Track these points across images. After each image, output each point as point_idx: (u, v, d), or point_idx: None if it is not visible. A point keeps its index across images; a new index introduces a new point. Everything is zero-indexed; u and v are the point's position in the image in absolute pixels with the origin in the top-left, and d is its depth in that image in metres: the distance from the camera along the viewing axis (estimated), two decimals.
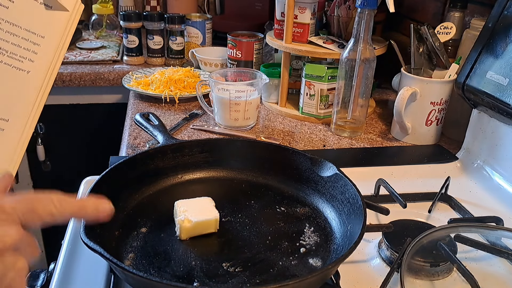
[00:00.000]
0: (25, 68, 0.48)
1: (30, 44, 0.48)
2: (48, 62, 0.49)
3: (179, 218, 0.56)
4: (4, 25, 0.47)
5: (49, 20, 0.50)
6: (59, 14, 0.50)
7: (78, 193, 0.71)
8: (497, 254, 0.59)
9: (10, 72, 0.47)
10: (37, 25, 0.49)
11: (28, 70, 0.48)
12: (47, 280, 0.59)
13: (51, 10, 0.50)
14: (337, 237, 0.57)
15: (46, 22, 0.49)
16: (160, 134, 0.74)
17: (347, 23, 1.02)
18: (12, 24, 0.47)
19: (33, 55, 0.48)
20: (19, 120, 0.48)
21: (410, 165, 0.84)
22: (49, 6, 0.50)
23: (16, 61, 0.47)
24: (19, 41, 0.48)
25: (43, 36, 0.49)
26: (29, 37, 0.48)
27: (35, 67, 0.49)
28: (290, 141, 0.93)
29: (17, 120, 0.48)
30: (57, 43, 0.50)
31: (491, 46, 0.76)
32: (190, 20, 1.37)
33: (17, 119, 0.48)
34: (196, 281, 0.50)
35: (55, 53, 0.50)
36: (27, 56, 0.48)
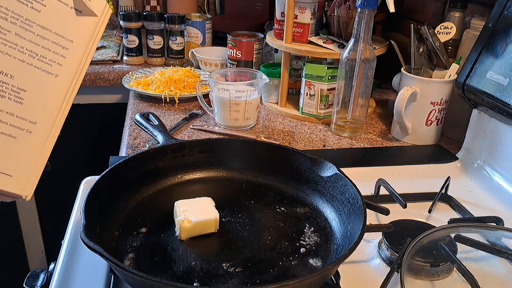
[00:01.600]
0: (53, 72, 0.48)
1: (59, 48, 0.49)
2: (76, 66, 0.50)
3: (179, 218, 0.56)
4: (36, 28, 0.47)
5: (78, 25, 0.50)
6: (88, 19, 0.51)
7: (78, 193, 0.71)
8: (497, 254, 0.59)
9: (39, 75, 0.47)
10: (66, 29, 0.49)
11: (56, 74, 0.48)
12: (47, 280, 0.59)
13: (81, 15, 0.50)
14: (337, 237, 0.57)
15: (75, 27, 0.50)
16: (160, 134, 0.74)
17: (347, 23, 1.02)
18: (43, 28, 0.48)
19: (61, 59, 0.49)
20: (46, 124, 0.48)
21: (410, 165, 0.84)
22: (79, 11, 0.50)
23: (46, 65, 0.48)
24: (49, 45, 0.48)
25: (72, 40, 0.50)
26: (58, 41, 0.49)
27: (63, 71, 0.49)
28: (290, 141, 0.93)
29: (44, 123, 0.48)
30: (85, 48, 0.51)
31: (491, 46, 0.76)
32: (190, 20, 1.37)
33: (44, 122, 0.48)
34: (196, 281, 0.50)
35: (82, 57, 0.50)
36: (56, 60, 0.48)
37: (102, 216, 0.54)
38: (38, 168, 0.47)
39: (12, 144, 0.45)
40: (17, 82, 0.46)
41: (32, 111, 0.47)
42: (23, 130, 0.46)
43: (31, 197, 0.47)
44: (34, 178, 0.47)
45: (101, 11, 0.52)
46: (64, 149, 0.54)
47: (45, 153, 0.48)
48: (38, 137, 0.47)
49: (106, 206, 0.56)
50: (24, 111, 0.46)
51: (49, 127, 0.48)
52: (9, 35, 0.46)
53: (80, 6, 0.50)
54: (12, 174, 0.45)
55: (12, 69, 0.46)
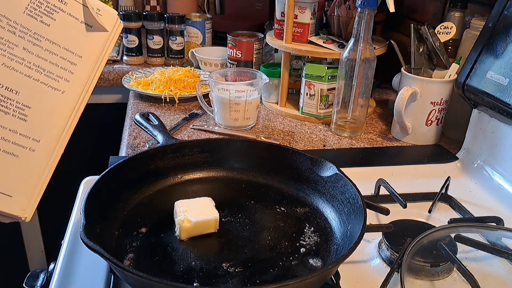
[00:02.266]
0: (60, 88, 0.47)
1: (67, 64, 0.48)
2: (84, 83, 0.49)
3: (179, 218, 0.56)
4: (44, 43, 0.46)
5: (88, 40, 0.49)
6: (99, 34, 0.50)
7: (78, 193, 0.71)
8: (497, 254, 0.59)
9: (45, 92, 0.46)
10: (76, 44, 0.48)
11: (63, 90, 0.47)
12: (47, 280, 0.59)
13: (91, 30, 0.49)
14: (337, 237, 0.57)
15: (85, 42, 0.49)
16: (160, 134, 0.74)
17: (347, 23, 1.02)
18: (52, 43, 0.47)
19: (69, 75, 0.48)
20: (50, 142, 0.47)
21: (410, 165, 0.84)
22: (89, 26, 0.49)
23: (52, 81, 0.47)
24: (57, 60, 0.47)
25: (80, 56, 0.48)
26: (67, 56, 0.48)
27: (70, 88, 0.48)
28: (290, 141, 0.93)
29: (48, 142, 0.46)
30: (94, 63, 0.49)
31: (491, 46, 0.76)
32: (190, 20, 1.37)
33: (48, 141, 0.47)
34: (196, 281, 0.50)
35: (90, 74, 0.49)
36: (64, 76, 0.47)
37: (102, 216, 0.54)
38: (39, 189, 0.46)
39: (14, 163, 0.44)
40: (22, 98, 0.45)
41: (36, 129, 0.46)
42: (25, 148, 0.45)
43: (30, 218, 0.45)
44: (35, 199, 0.46)
45: (111, 26, 0.51)
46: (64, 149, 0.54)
47: (48, 172, 0.47)
48: (41, 156, 0.46)
49: (106, 206, 0.56)
50: (27, 128, 0.45)
51: (53, 146, 0.47)
52: (17, 49, 0.45)
53: (91, 21, 0.49)
54: (12, 195, 0.44)
55: (17, 84, 0.45)
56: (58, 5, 0.47)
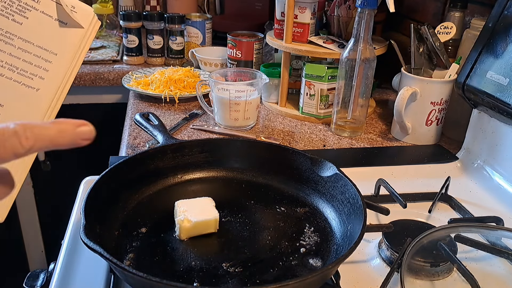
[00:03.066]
0: (34, 86, 0.46)
1: (41, 61, 0.47)
2: (59, 80, 0.48)
3: (179, 218, 0.56)
4: (17, 41, 0.46)
5: (63, 37, 0.48)
6: (74, 31, 0.49)
7: (78, 193, 0.71)
8: (497, 254, 0.59)
9: (18, 90, 0.45)
10: (50, 42, 0.47)
11: (37, 88, 0.46)
12: (47, 280, 0.59)
13: (66, 27, 0.48)
14: (337, 237, 0.57)
15: (60, 39, 0.48)
16: (160, 134, 0.74)
17: (347, 23, 1.02)
18: (25, 41, 0.46)
19: (44, 72, 0.47)
20: None
21: (410, 165, 0.84)
22: (64, 23, 0.48)
23: (26, 79, 0.46)
24: (30, 58, 0.46)
25: (55, 53, 0.47)
26: (41, 54, 0.47)
27: (45, 85, 0.47)
28: (290, 141, 0.93)
29: None
30: (70, 61, 0.48)
31: (491, 46, 0.76)
32: (190, 20, 1.37)
33: None
34: (196, 281, 0.50)
35: (67, 71, 0.48)
36: (38, 74, 0.46)
37: (102, 216, 0.54)
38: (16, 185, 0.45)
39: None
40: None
41: None
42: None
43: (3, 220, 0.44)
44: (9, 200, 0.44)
45: (88, 23, 0.50)
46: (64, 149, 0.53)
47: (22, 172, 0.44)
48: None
49: (106, 206, 0.56)
50: None
51: None
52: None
53: (65, 18, 0.48)
54: None
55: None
56: (31, 3, 0.47)
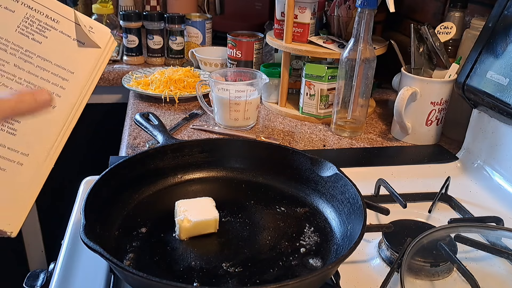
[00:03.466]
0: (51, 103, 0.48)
1: (59, 79, 0.48)
2: (75, 98, 0.49)
3: (179, 218, 0.56)
4: (35, 60, 0.47)
5: (80, 56, 0.50)
6: (91, 50, 0.50)
7: (78, 193, 0.71)
8: (497, 254, 0.59)
9: None
10: (68, 61, 0.49)
11: (54, 105, 0.48)
12: (47, 280, 0.59)
13: (84, 46, 0.50)
14: (337, 237, 0.57)
15: (77, 58, 0.50)
16: (160, 134, 0.74)
17: (347, 23, 1.02)
18: (43, 59, 0.47)
19: (61, 90, 0.48)
20: (39, 156, 0.47)
21: (410, 165, 0.84)
22: (81, 42, 0.50)
23: None
24: (48, 76, 0.48)
25: (72, 72, 0.49)
26: (58, 72, 0.48)
27: (62, 102, 0.48)
28: (290, 141, 0.93)
29: (37, 156, 0.46)
30: (86, 79, 0.50)
31: (491, 46, 0.76)
32: (190, 20, 1.37)
33: (37, 155, 0.46)
34: (196, 281, 0.50)
35: (83, 89, 0.50)
36: (55, 91, 0.48)
37: (102, 216, 0.54)
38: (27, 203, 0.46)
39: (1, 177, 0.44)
40: None
41: (25, 143, 0.46)
42: (14, 162, 0.45)
43: (16, 233, 0.45)
44: (22, 213, 0.45)
45: (105, 43, 0.51)
46: (64, 149, 0.53)
47: (36, 187, 0.46)
48: (30, 170, 0.46)
49: (106, 206, 0.56)
50: (16, 142, 0.45)
51: (42, 159, 0.47)
52: (8, 66, 0.46)
53: (83, 38, 0.50)
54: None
55: None
56: (50, 23, 0.48)
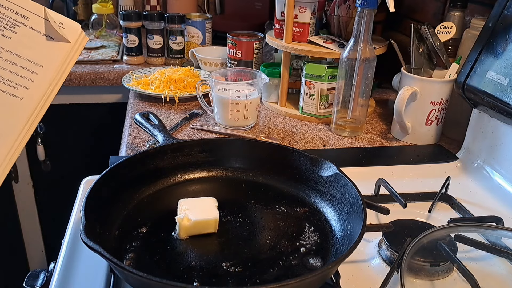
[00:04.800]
0: (18, 95, 0.48)
1: (27, 72, 0.49)
2: (43, 90, 0.50)
3: (179, 216, 0.56)
4: (5, 54, 0.48)
5: (49, 51, 0.51)
6: (61, 45, 0.51)
7: (78, 193, 0.71)
8: (497, 254, 0.59)
9: (2, 98, 0.48)
10: (37, 55, 0.50)
11: (21, 97, 0.49)
12: (47, 280, 0.59)
13: (53, 41, 0.51)
14: (337, 237, 0.57)
15: (46, 52, 0.50)
16: (160, 133, 0.74)
17: (347, 23, 1.02)
18: (12, 54, 0.49)
19: (29, 82, 0.49)
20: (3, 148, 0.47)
21: (410, 165, 0.84)
22: (51, 37, 0.51)
23: (11, 88, 0.48)
24: (16, 69, 0.49)
25: (41, 65, 0.50)
26: (27, 66, 0.49)
27: (30, 94, 0.49)
28: (290, 141, 0.93)
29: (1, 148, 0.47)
30: (55, 72, 0.51)
31: (491, 45, 0.76)
32: (190, 20, 1.37)
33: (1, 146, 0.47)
34: (196, 281, 0.50)
35: (51, 82, 0.50)
36: (23, 84, 0.49)
37: (102, 216, 0.54)
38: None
39: None
40: None
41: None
42: None
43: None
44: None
45: (75, 38, 0.52)
46: (64, 148, 0.53)
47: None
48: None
49: (106, 206, 0.56)
50: None
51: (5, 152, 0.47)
52: None
53: (52, 33, 0.51)
54: None
55: None
56: (20, 20, 0.50)
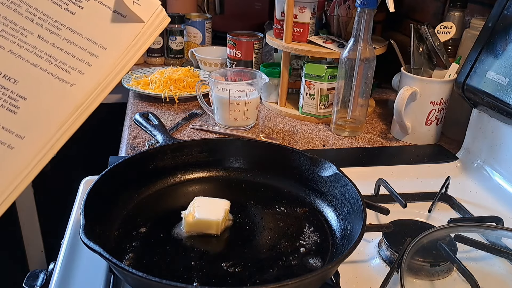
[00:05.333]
0: (70, 80, 0.42)
1: (86, 55, 0.42)
2: (101, 79, 0.43)
3: (187, 211, 0.57)
4: (64, 32, 0.42)
5: (117, 31, 0.43)
6: (132, 25, 0.44)
7: (78, 193, 0.71)
8: (497, 254, 0.59)
9: (50, 83, 0.41)
10: (101, 35, 0.43)
11: (72, 83, 0.41)
12: (47, 280, 0.59)
13: (123, 20, 0.44)
14: (337, 237, 0.57)
15: (113, 33, 0.43)
16: (159, 133, 0.74)
17: (347, 23, 1.02)
18: (73, 31, 0.42)
19: (85, 67, 0.42)
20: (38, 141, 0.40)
21: (410, 165, 0.84)
22: (122, 15, 0.44)
23: (63, 72, 0.41)
24: (74, 50, 0.42)
25: (105, 48, 0.43)
26: (87, 47, 0.42)
27: (83, 81, 0.42)
28: (290, 141, 0.93)
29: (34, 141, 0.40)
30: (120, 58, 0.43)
31: (491, 45, 0.76)
32: (190, 20, 1.37)
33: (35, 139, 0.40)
34: (196, 281, 0.50)
35: (114, 69, 0.43)
36: (78, 68, 0.42)
37: (102, 216, 0.54)
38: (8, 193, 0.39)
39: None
40: (20, 88, 0.40)
41: (25, 124, 0.40)
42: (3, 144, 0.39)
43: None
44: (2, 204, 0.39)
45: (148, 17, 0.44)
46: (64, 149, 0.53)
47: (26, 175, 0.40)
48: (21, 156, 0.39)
49: (106, 206, 0.56)
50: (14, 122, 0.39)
51: (40, 146, 0.40)
52: (30, 37, 0.41)
53: (123, 9, 0.43)
54: None
55: (18, 73, 0.40)
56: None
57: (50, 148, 0.41)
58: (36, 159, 0.40)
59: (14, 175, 0.40)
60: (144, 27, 0.44)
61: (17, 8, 0.42)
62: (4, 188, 0.39)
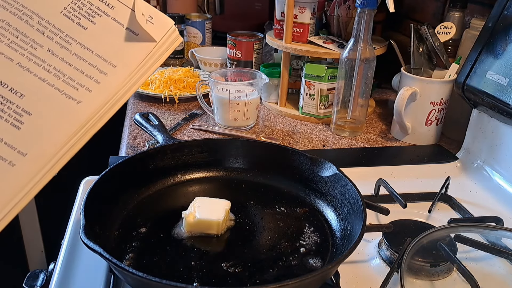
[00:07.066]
0: (77, 98, 0.40)
1: (95, 72, 0.41)
2: (108, 97, 0.42)
3: (187, 211, 0.57)
4: (75, 47, 0.41)
5: (129, 49, 0.43)
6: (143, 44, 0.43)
7: (78, 193, 0.71)
8: (497, 254, 0.59)
9: (56, 99, 0.40)
10: (112, 52, 0.42)
11: (79, 100, 0.40)
12: (47, 280, 0.59)
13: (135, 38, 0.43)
14: (337, 237, 0.57)
15: (125, 51, 0.42)
16: (159, 134, 0.74)
17: (347, 23, 1.02)
18: (84, 47, 0.41)
19: (94, 84, 0.41)
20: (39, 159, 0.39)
21: (410, 165, 0.84)
22: (134, 33, 0.43)
23: (70, 88, 0.40)
24: (83, 67, 0.41)
25: (115, 66, 0.42)
26: (97, 64, 0.41)
27: (90, 99, 0.41)
28: (290, 141, 0.93)
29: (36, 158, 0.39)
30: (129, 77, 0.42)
31: (491, 46, 0.76)
32: (190, 20, 1.37)
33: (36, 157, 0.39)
34: (196, 281, 0.50)
35: (122, 87, 0.42)
36: (86, 85, 0.41)
37: (102, 216, 0.54)
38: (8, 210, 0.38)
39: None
40: (26, 103, 0.39)
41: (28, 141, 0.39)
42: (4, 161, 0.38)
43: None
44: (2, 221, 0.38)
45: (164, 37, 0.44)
46: None
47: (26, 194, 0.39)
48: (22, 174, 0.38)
49: (106, 206, 0.56)
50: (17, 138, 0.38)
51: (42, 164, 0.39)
52: (40, 50, 0.40)
53: (136, 28, 0.42)
54: None
55: (25, 87, 0.39)
56: (103, 8, 0.42)
57: (51, 168, 0.40)
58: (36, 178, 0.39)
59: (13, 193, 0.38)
60: (156, 47, 0.44)
61: (29, 19, 0.41)
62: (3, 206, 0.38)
